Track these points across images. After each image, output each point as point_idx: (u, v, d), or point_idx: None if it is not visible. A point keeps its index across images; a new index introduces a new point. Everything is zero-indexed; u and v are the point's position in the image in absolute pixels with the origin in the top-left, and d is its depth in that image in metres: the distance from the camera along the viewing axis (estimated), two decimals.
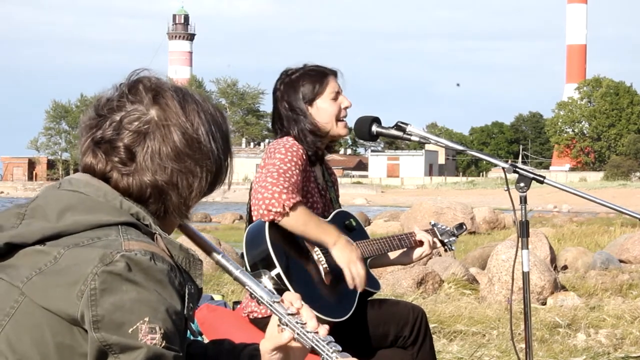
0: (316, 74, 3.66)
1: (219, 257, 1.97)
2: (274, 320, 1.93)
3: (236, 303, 3.74)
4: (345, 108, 3.68)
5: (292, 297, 1.92)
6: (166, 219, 1.89)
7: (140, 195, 1.84)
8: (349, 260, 3.43)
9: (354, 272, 3.43)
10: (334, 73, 3.71)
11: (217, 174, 1.91)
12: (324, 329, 1.88)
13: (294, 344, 1.91)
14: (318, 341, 1.85)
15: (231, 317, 3.61)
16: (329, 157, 3.85)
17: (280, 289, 3.26)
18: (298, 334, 1.86)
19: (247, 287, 1.95)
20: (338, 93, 3.68)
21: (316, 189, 3.66)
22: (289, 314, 1.89)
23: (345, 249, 3.44)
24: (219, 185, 1.94)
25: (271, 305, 1.90)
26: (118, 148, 1.83)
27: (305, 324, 1.88)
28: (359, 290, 3.48)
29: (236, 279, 1.96)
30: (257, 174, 3.47)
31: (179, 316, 1.72)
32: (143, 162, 1.83)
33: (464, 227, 4.11)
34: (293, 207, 3.33)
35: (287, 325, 1.88)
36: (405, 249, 3.86)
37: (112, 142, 1.84)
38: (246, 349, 2.04)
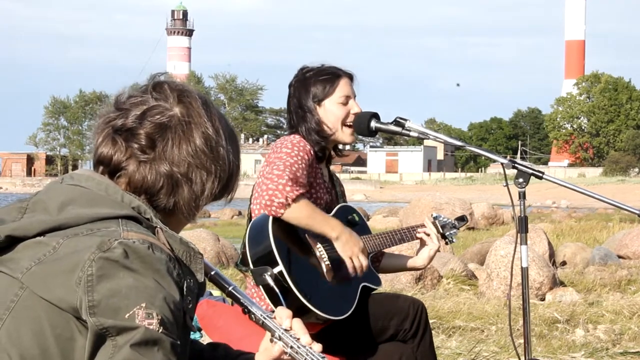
0: (329, 75, 3.66)
1: (212, 273, 1.98)
2: (267, 335, 1.95)
3: None
4: (355, 114, 3.65)
5: (283, 314, 1.94)
6: (173, 215, 1.91)
7: (152, 186, 1.86)
8: (351, 252, 3.48)
9: (356, 264, 3.48)
10: (348, 76, 3.70)
11: (229, 178, 1.94)
12: (317, 346, 1.90)
13: (287, 358, 1.93)
14: (312, 355, 1.87)
15: (230, 313, 3.61)
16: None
17: (283, 287, 3.28)
18: (292, 347, 1.88)
19: (240, 302, 1.96)
20: (348, 97, 3.66)
21: (322, 185, 3.66)
22: (283, 329, 1.91)
23: (348, 241, 3.48)
24: (228, 193, 1.96)
25: (264, 320, 1.92)
26: (139, 135, 1.85)
27: (299, 338, 1.90)
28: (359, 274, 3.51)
29: (229, 294, 1.99)
30: (262, 168, 3.48)
31: (177, 306, 1.72)
32: (162, 152, 1.85)
33: (465, 219, 4.09)
34: (296, 199, 3.34)
35: (280, 339, 1.90)
36: (413, 256, 3.88)
37: (133, 130, 1.86)
38: (239, 358, 2.06)
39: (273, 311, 1.97)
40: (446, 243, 3.98)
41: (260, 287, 3.35)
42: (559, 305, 8.13)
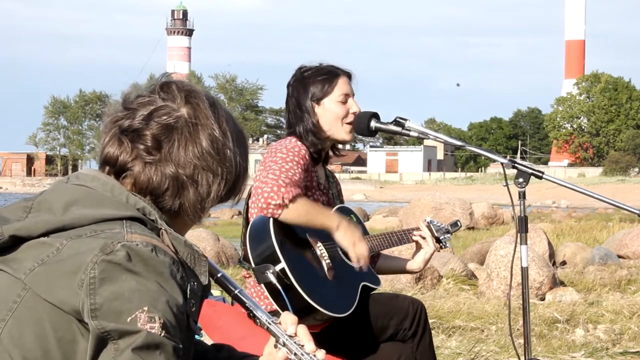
0: (328, 74, 3.65)
1: (218, 275, 1.98)
2: (271, 341, 1.94)
3: None
4: (354, 113, 3.65)
5: (289, 320, 1.93)
6: (179, 217, 1.90)
7: (158, 187, 1.85)
8: (352, 241, 3.48)
9: (358, 252, 3.48)
10: (346, 75, 3.69)
11: (236, 181, 1.93)
12: (321, 353, 1.89)
13: None
14: None
15: (230, 313, 3.61)
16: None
17: (285, 284, 3.28)
18: (295, 353, 1.87)
19: (245, 306, 1.96)
20: (347, 96, 3.66)
21: (317, 187, 3.66)
22: (288, 335, 1.90)
23: (347, 231, 3.48)
24: (235, 195, 1.95)
25: (269, 326, 1.92)
26: (145, 136, 1.85)
27: (303, 345, 1.89)
28: (364, 268, 3.52)
29: (235, 297, 1.98)
30: (258, 172, 3.48)
31: (180, 309, 1.72)
32: (168, 153, 1.85)
33: (459, 224, 4.10)
34: (292, 200, 3.34)
35: (285, 345, 1.89)
36: (409, 259, 3.89)
37: (139, 131, 1.85)
38: None
39: (274, 312, 1.96)
40: (440, 247, 3.99)
41: (262, 285, 3.35)
42: (559, 305, 8.13)
